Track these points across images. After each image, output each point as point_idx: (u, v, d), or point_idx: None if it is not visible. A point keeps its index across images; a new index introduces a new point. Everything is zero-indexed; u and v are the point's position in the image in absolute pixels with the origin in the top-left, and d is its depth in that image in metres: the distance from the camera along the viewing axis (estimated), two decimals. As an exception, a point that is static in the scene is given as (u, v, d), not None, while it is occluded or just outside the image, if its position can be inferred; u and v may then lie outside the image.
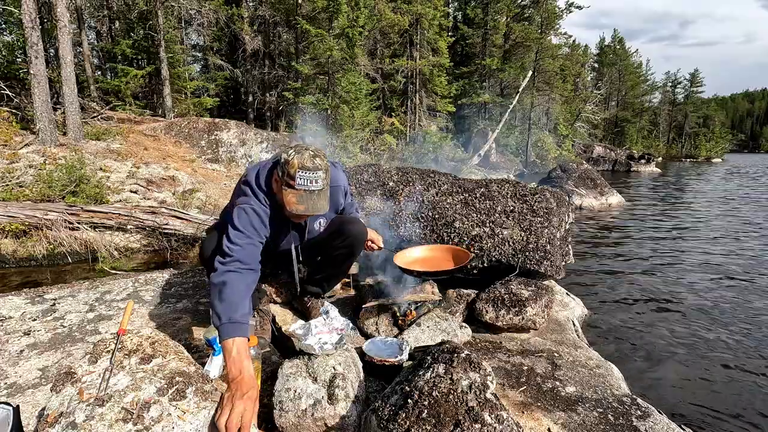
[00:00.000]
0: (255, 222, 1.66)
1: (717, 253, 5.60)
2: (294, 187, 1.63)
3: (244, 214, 1.66)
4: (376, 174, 3.21)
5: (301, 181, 1.63)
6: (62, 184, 5.11)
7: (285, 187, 1.65)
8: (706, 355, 2.91)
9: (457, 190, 3.03)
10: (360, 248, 2.11)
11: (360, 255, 2.27)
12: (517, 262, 2.57)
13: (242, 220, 1.64)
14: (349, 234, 2.02)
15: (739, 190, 14.03)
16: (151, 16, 13.08)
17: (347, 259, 2.13)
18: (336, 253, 2.08)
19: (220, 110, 17.63)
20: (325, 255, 2.14)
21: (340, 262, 2.13)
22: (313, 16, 15.60)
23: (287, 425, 1.42)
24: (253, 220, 1.66)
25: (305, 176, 1.63)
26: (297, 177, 1.62)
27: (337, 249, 2.06)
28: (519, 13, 24.69)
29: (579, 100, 30.67)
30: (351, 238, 2.03)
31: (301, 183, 1.63)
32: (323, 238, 2.07)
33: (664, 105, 49.48)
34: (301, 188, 1.63)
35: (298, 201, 1.64)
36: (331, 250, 2.07)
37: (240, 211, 1.66)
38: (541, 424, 1.58)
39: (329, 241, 2.06)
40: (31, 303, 2.49)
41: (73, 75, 7.70)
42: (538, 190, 3.04)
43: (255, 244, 1.65)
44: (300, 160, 1.63)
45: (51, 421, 1.19)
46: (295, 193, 1.64)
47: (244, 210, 1.67)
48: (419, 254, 2.45)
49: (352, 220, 2.10)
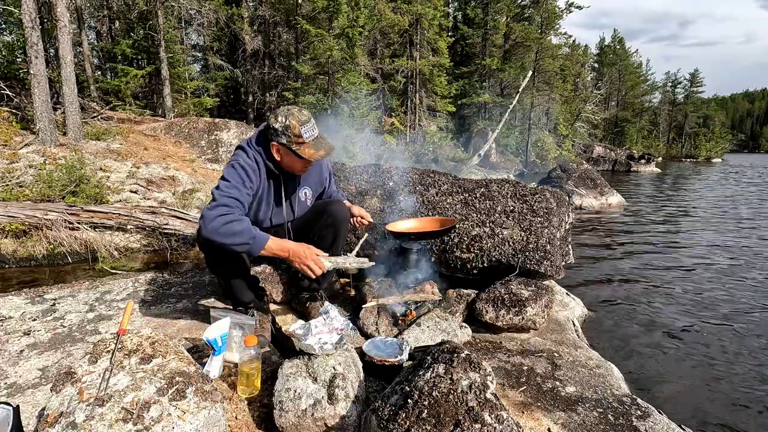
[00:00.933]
0: (242, 174, 1.85)
1: (717, 253, 5.60)
2: (305, 142, 1.87)
3: (233, 169, 1.85)
4: (376, 174, 3.21)
5: (308, 134, 1.87)
6: (62, 184, 5.10)
7: (296, 146, 1.87)
8: (707, 354, 2.91)
9: (457, 190, 3.02)
10: (344, 226, 2.21)
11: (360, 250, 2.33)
12: (517, 262, 2.57)
13: (231, 174, 1.84)
14: (331, 213, 2.16)
15: (739, 190, 14.03)
16: (151, 16, 13.08)
17: (334, 240, 2.19)
18: (322, 233, 2.17)
19: (220, 110, 17.61)
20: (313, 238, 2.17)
21: (328, 245, 2.16)
22: (313, 16, 15.60)
23: (287, 425, 1.42)
24: (240, 171, 1.85)
25: (308, 128, 1.87)
26: (304, 133, 1.86)
27: (323, 230, 2.17)
28: (519, 13, 24.68)
29: (579, 100, 30.66)
30: (333, 217, 2.16)
31: (308, 135, 1.87)
32: (309, 219, 2.19)
33: (664, 105, 49.46)
34: (310, 139, 1.88)
35: (315, 149, 1.89)
36: (317, 231, 2.17)
37: (229, 168, 1.86)
38: (541, 424, 1.58)
39: (314, 223, 2.18)
40: (31, 303, 2.49)
41: (73, 75, 7.69)
42: (538, 190, 3.04)
43: (240, 191, 1.83)
44: (297, 119, 1.86)
45: (51, 421, 1.19)
46: (309, 144, 1.88)
47: (233, 165, 1.87)
48: (409, 225, 2.65)
49: (334, 200, 2.29)
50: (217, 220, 1.69)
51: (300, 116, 1.87)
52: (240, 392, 1.60)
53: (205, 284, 2.83)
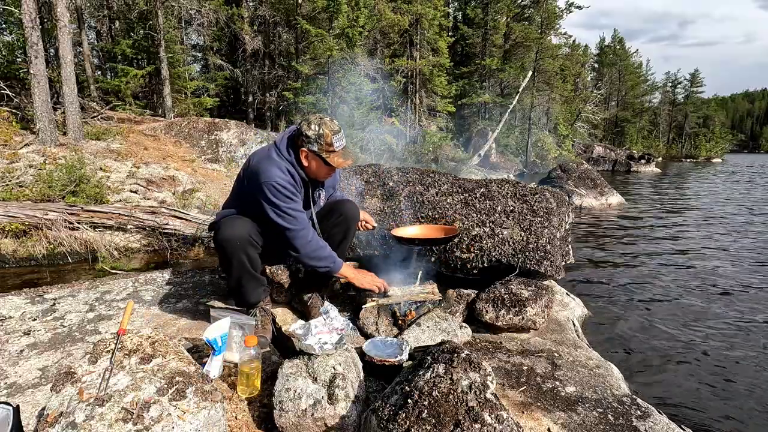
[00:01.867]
0: (289, 188, 1.92)
1: (717, 253, 5.60)
2: (335, 151, 1.95)
3: (277, 189, 1.89)
4: (376, 174, 3.21)
5: (338, 143, 1.96)
6: (62, 184, 5.10)
7: (326, 154, 1.94)
8: (706, 354, 2.91)
9: (457, 190, 3.02)
10: (354, 225, 2.26)
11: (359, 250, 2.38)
12: (517, 262, 2.57)
13: (282, 200, 1.90)
14: (342, 212, 2.21)
15: (739, 190, 14.03)
16: (151, 16, 13.07)
17: (344, 239, 2.24)
18: (332, 232, 2.20)
19: (220, 110, 17.61)
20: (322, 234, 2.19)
21: (337, 243, 2.20)
22: (313, 16, 15.59)
23: (287, 425, 1.42)
24: (288, 187, 1.92)
25: (339, 137, 1.96)
26: (335, 142, 1.94)
27: (332, 228, 2.21)
28: (519, 13, 24.68)
29: (579, 100, 30.65)
30: (344, 216, 2.20)
31: (338, 144, 1.96)
32: (320, 217, 2.21)
33: (664, 105, 49.47)
34: (340, 148, 1.97)
35: (344, 158, 2.00)
36: (327, 229, 2.20)
37: (271, 189, 1.88)
38: (541, 424, 1.58)
39: (324, 221, 2.21)
40: (31, 303, 2.49)
41: (73, 75, 7.69)
42: (538, 190, 3.03)
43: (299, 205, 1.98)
44: (330, 128, 1.93)
45: (51, 420, 1.19)
46: (338, 153, 1.97)
47: (274, 186, 1.88)
48: (414, 231, 2.67)
49: (345, 200, 2.34)
50: (310, 245, 1.97)
51: (332, 126, 1.95)
52: (240, 392, 1.60)
53: (205, 284, 2.83)
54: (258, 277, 2.07)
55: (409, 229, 2.68)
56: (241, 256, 1.94)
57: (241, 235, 1.92)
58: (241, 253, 1.93)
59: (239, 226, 1.93)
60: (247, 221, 1.97)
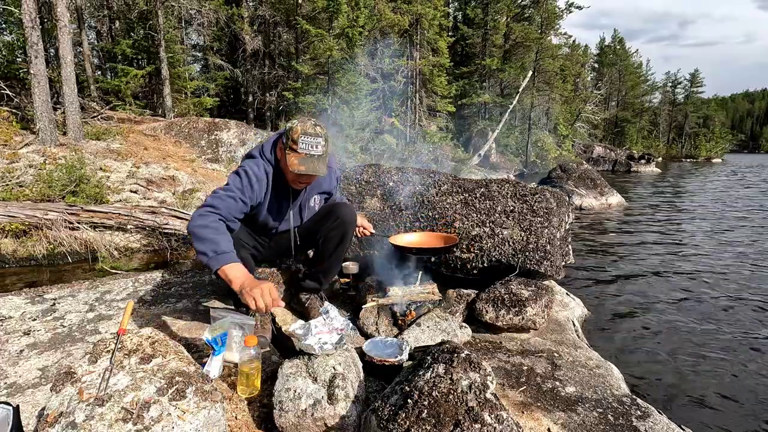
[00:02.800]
0: (244, 183, 1.82)
1: (716, 253, 5.60)
2: (297, 151, 1.80)
3: (237, 176, 1.83)
4: (376, 174, 3.21)
5: (303, 145, 1.79)
6: (62, 184, 5.10)
7: (288, 151, 1.81)
8: (707, 355, 2.91)
9: (457, 190, 3.02)
10: (351, 230, 2.17)
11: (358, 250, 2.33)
12: (517, 262, 2.57)
13: (234, 180, 1.82)
14: (339, 215, 2.12)
15: (739, 190, 14.03)
16: (151, 15, 13.08)
17: (340, 243, 2.16)
18: (329, 236, 2.13)
19: (220, 110, 17.61)
20: (318, 241, 2.17)
21: (334, 247, 2.15)
22: (313, 16, 15.60)
23: (287, 425, 1.42)
24: (243, 180, 1.82)
25: (307, 141, 1.80)
26: (300, 141, 1.79)
27: (330, 231, 2.13)
28: (519, 13, 24.67)
29: (579, 100, 30.65)
30: (341, 220, 2.11)
31: (303, 147, 1.79)
32: (316, 221, 2.16)
33: (664, 105, 49.45)
34: (303, 152, 1.80)
35: (300, 163, 1.80)
36: (324, 233, 2.14)
37: (235, 174, 1.83)
38: (541, 424, 1.58)
39: (321, 225, 2.15)
40: (31, 303, 2.49)
41: (73, 75, 7.69)
42: (538, 190, 3.03)
43: (236, 200, 1.80)
44: (303, 127, 1.81)
45: (51, 420, 1.19)
46: (298, 155, 1.80)
47: (238, 173, 1.83)
48: (412, 238, 2.61)
49: (343, 203, 2.25)
50: (198, 219, 1.71)
51: (307, 127, 1.82)
52: (240, 392, 1.60)
53: (205, 284, 2.83)
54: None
55: (407, 237, 2.62)
56: None
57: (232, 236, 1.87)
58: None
59: None
60: None
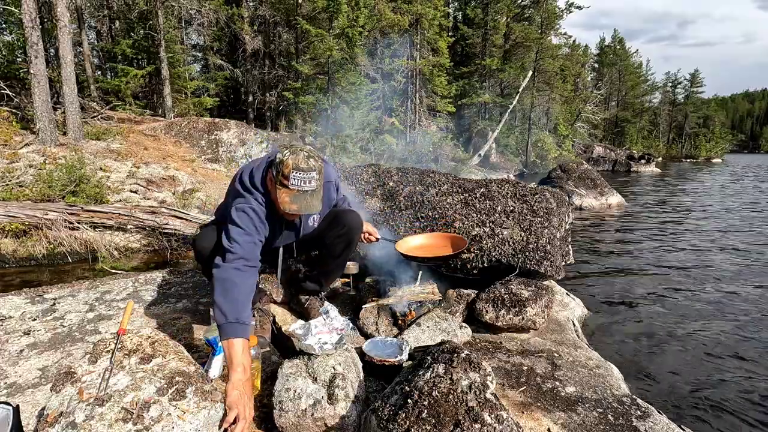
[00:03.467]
0: (255, 221, 1.69)
1: (716, 254, 5.60)
2: (288, 187, 1.66)
3: (245, 215, 1.68)
4: (376, 174, 3.21)
5: (295, 182, 1.65)
6: (62, 184, 5.10)
7: (279, 186, 1.67)
8: (707, 355, 2.91)
9: (457, 190, 3.02)
10: (357, 237, 2.10)
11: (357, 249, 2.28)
12: (517, 262, 2.57)
13: (243, 220, 1.67)
14: (346, 223, 2.04)
15: (739, 190, 14.03)
16: (151, 15, 13.08)
17: (345, 249, 2.10)
18: (334, 242, 2.07)
19: (220, 110, 17.61)
20: (322, 247, 2.13)
21: (338, 254, 2.11)
22: (313, 16, 15.59)
23: (287, 425, 1.42)
24: (254, 219, 1.69)
25: (299, 177, 1.65)
26: (291, 177, 1.65)
27: (335, 239, 2.05)
28: (519, 13, 24.67)
29: (579, 100, 30.64)
30: (347, 227, 2.03)
31: (294, 183, 1.65)
32: (321, 229, 2.08)
33: (664, 105, 49.43)
34: (294, 188, 1.66)
35: (292, 200, 1.67)
36: (329, 240, 2.07)
37: (240, 213, 1.68)
38: (540, 424, 1.58)
39: (327, 232, 2.07)
40: (31, 303, 2.49)
41: (73, 75, 7.69)
42: (538, 190, 3.03)
43: (255, 242, 1.68)
44: (294, 161, 1.65)
45: (51, 420, 1.19)
46: (289, 192, 1.67)
47: (244, 211, 1.69)
48: (419, 242, 2.49)
49: (348, 210, 2.15)
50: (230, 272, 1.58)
51: (301, 161, 1.65)
52: (240, 392, 1.60)
53: (205, 284, 2.83)
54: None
55: (413, 241, 2.48)
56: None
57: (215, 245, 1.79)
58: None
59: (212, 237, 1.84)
60: None
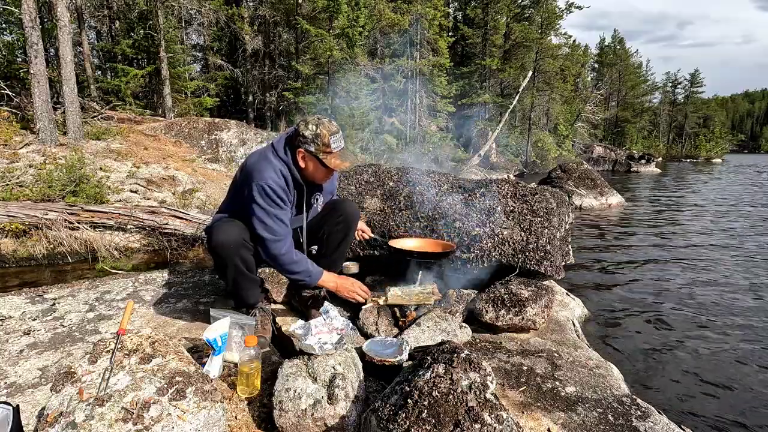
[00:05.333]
0: (279, 192, 1.87)
1: (716, 254, 5.60)
2: (332, 152, 1.90)
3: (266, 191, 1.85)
4: (376, 174, 3.21)
5: (336, 144, 1.91)
6: (62, 184, 5.10)
7: (324, 155, 1.89)
8: (707, 354, 2.91)
9: (457, 190, 3.02)
10: (354, 225, 2.24)
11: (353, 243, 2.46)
12: (517, 262, 2.57)
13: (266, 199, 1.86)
14: (343, 211, 2.18)
15: (739, 190, 14.03)
16: (151, 15, 13.08)
17: (344, 239, 2.21)
18: (333, 231, 2.18)
19: (220, 110, 17.61)
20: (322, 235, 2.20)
21: (337, 243, 2.20)
22: (313, 16, 15.60)
23: (287, 425, 1.42)
24: (277, 190, 1.87)
25: (337, 138, 1.91)
26: (332, 143, 1.89)
27: (333, 227, 2.17)
28: (519, 13, 24.68)
29: (579, 100, 30.65)
30: (345, 215, 2.17)
31: (336, 146, 1.91)
32: (321, 217, 2.20)
33: (664, 105, 49.45)
34: (337, 150, 1.92)
35: (342, 159, 1.96)
36: (329, 228, 2.18)
37: (260, 189, 1.85)
38: (540, 424, 1.58)
39: (326, 220, 2.18)
40: (31, 303, 2.49)
41: (73, 75, 7.69)
42: (538, 190, 3.03)
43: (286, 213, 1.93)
44: (328, 129, 1.89)
45: (51, 420, 1.19)
46: (336, 155, 1.92)
47: (263, 188, 1.85)
48: (412, 243, 2.66)
49: (346, 200, 2.35)
50: (284, 257, 1.91)
51: (330, 126, 1.90)
52: (240, 392, 1.60)
53: (205, 284, 2.83)
54: (254, 278, 2.06)
55: (407, 241, 2.69)
56: (236, 259, 1.92)
57: (235, 239, 1.90)
58: (235, 257, 1.92)
59: (231, 231, 1.90)
60: (239, 224, 1.94)
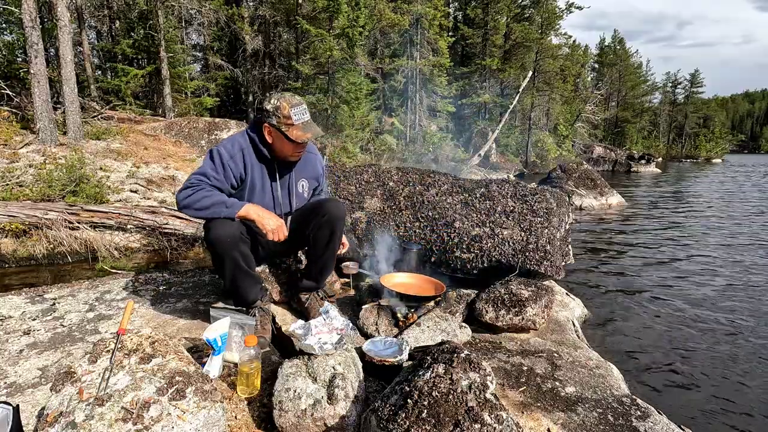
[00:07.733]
0: (224, 157, 1.93)
1: (716, 254, 5.60)
2: (294, 124, 1.92)
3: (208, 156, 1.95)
4: (376, 174, 3.21)
5: (297, 116, 1.92)
6: (62, 184, 5.10)
7: (285, 127, 1.91)
8: (706, 355, 2.91)
9: (457, 190, 3.02)
10: (340, 225, 2.15)
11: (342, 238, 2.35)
12: (517, 262, 2.57)
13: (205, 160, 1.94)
14: (326, 211, 2.11)
15: (739, 190, 14.03)
16: (151, 15, 13.08)
17: (330, 240, 2.14)
18: (317, 234, 2.12)
19: (220, 110, 17.62)
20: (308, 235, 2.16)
21: (324, 244, 2.14)
22: (313, 16, 15.59)
23: (287, 425, 1.42)
24: (216, 158, 1.93)
25: (298, 111, 1.93)
26: (293, 114, 1.91)
27: (317, 230, 2.12)
28: (519, 13, 24.67)
29: (579, 100, 30.65)
30: (328, 215, 2.11)
31: (297, 118, 1.92)
32: (306, 213, 2.17)
33: (664, 105, 49.43)
34: (299, 122, 1.93)
35: (304, 131, 1.94)
36: (314, 228, 2.13)
37: (209, 153, 1.95)
38: (540, 424, 1.58)
39: (311, 219, 2.14)
40: (31, 303, 2.49)
41: (73, 74, 7.69)
42: (538, 190, 3.03)
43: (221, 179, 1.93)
44: (288, 101, 1.92)
45: (51, 420, 1.19)
46: (298, 126, 1.93)
47: (212, 151, 1.95)
48: (402, 280, 2.52)
49: (330, 198, 2.34)
50: (192, 196, 1.85)
51: (291, 99, 1.93)
52: (240, 392, 1.60)
53: (205, 284, 2.83)
54: (253, 275, 2.05)
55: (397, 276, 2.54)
56: (234, 254, 1.90)
57: (232, 233, 1.87)
58: (233, 251, 1.89)
59: (228, 224, 1.87)
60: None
